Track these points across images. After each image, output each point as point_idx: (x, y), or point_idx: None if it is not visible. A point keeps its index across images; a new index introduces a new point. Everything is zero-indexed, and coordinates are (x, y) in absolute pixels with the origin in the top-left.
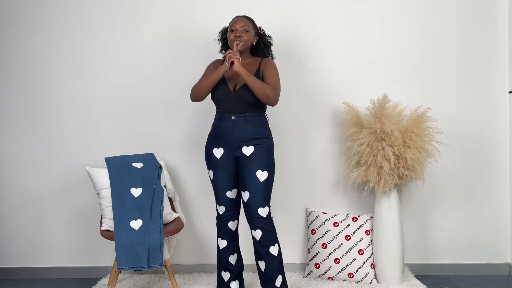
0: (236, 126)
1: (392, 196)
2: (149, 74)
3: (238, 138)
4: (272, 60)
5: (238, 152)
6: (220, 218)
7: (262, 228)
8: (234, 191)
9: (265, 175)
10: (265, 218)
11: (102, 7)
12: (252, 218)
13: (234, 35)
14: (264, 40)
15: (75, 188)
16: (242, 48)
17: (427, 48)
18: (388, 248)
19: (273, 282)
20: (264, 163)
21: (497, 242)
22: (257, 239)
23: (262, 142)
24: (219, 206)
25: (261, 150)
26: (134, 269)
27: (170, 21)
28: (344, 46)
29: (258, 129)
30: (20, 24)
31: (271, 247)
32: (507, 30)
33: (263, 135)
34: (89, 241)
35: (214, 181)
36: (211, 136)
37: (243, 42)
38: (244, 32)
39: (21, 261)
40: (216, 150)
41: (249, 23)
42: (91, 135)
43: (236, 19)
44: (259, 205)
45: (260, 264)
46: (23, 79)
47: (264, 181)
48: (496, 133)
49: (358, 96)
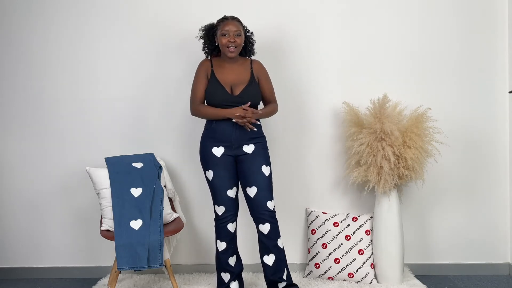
0: (238, 128)
1: (392, 196)
2: (149, 74)
3: (239, 138)
4: (262, 65)
5: (239, 151)
6: (219, 220)
7: (270, 221)
8: (234, 190)
9: (268, 170)
10: (273, 211)
11: (101, 7)
12: (261, 213)
13: (227, 40)
14: (249, 39)
15: (75, 188)
16: (235, 54)
17: (427, 48)
18: (388, 248)
19: (282, 274)
20: (266, 159)
21: (497, 242)
22: (265, 233)
23: (261, 141)
24: (218, 206)
25: (261, 147)
26: (134, 269)
27: (170, 21)
28: (344, 46)
29: (256, 129)
30: (19, 24)
31: (278, 239)
32: (507, 30)
33: (260, 134)
34: (89, 241)
35: (213, 180)
36: (207, 136)
37: (237, 47)
38: (237, 36)
39: (21, 261)
40: (216, 149)
41: (240, 25)
42: (91, 135)
43: (226, 21)
44: (268, 198)
45: (266, 259)
46: (23, 79)
47: (269, 176)
48: (496, 133)
49: (358, 96)
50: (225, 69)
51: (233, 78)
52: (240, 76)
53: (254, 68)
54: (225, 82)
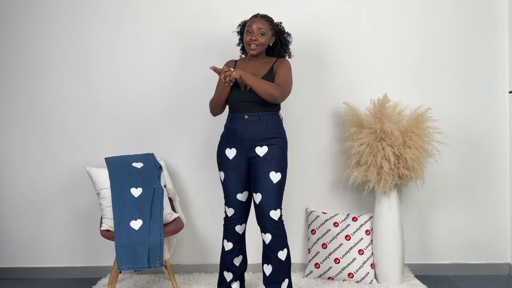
0: (250, 126)
1: (392, 196)
2: (149, 74)
3: (252, 138)
4: (287, 60)
5: (251, 153)
6: (228, 221)
7: (272, 232)
8: (245, 194)
9: (278, 176)
10: (276, 221)
11: (103, 8)
12: (264, 221)
13: (250, 38)
14: (282, 39)
15: (75, 188)
16: (256, 52)
17: (427, 48)
18: (388, 248)
19: (279, 286)
20: (277, 164)
21: (497, 242)
22: (266, 242)
23: (276, 142)
24: (228, 208)
25: (274, 150)
26: (134, 269)
27: (170, 21)
28: (343, 46)
29: (272, 128)
30: (21, 24)
31: (280, 251)
32: (507, 30)
33: (276, 135)
34: (89, 241)
35: (224, 182)
36: (224, 136)
37: (259, 45)
38: (260, 35)
39: (21, 261)
40: (229, 150)
41: (266, 24)
42: (91, 135)
43: (254, 19)
44: (271, 207)
45: (265, 268)
46: (24, 80)
47: (277, 183)
48: (496, 133)
49: (358, 96)
50: (246, 68)
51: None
52: (256, 73)
53: (275, 64)
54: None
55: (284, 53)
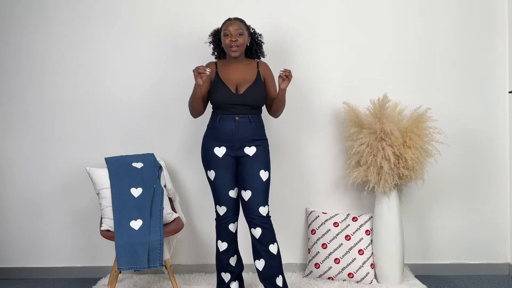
0: (240, 127)
1: (392, 196)
2: (149, 74)
3: (241, 138)
4: (268, 66)
5: (240, 152)
6: (221, 220)
7: (262, 226)
8: (235, 191)
9: (267, 175)
10: (265, 217)
11: (102, 8)
12: (252, 217)
13: (229, 39)
14: (256, 40)
15: (75, 188)
16: (238, 53)
17: (427, 48)
18: (388, 248)
19: (274, 281)
20: (265, 164)
21: (497, 242)
22: (256, 237)
23: (263, 144)
24: (220, 207)
25: (262, 151)
26: (134, 269)
27: (171, 22)
28: (343, 46)
29: (259, 130)
30: (20, 24)
31: (271, 245)
32: (507, 30)
33: (263, 137)
34: (89, 241)
35: (215, 181)
36: (209, 136)
37: (239, 46)
38: (239, 35)
39: (21, 261)
40: (218, 149)
41: (242, 25)
42: (91, 135)
43: (228, 22)
44: (260, 204)
45: (257, 263)
46: (23, 80)
47: (266, 181)
48: (496, 133)
49: (358, 96)
50: (230, 69)
51: (238, 77)
52: (245, 76)
53: (260, 69)
54: (229, 82)
55: (260, 53)
